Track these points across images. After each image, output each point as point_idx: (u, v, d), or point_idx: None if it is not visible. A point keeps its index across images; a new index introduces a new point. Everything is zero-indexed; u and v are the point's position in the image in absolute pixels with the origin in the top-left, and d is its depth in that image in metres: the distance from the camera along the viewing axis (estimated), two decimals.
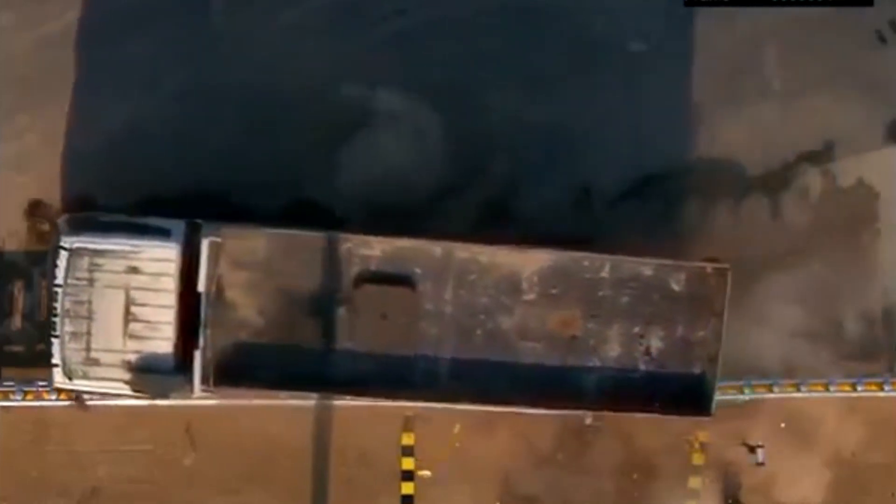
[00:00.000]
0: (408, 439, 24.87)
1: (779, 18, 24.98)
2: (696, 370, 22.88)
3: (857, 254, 25.06)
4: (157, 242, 22.14)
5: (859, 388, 24.68)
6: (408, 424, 24.82)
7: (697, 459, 25.04)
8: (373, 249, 22.65)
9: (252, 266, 22.65)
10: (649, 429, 24.66)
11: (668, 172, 24.91)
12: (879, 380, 24.76)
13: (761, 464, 24.82)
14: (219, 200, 24.16)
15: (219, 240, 22.16)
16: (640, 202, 24.81)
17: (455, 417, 24.43)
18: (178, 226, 22.42)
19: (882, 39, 25.07)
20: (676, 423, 24.23)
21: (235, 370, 22.48)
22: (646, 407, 22.87)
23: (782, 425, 24.92)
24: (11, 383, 24.24)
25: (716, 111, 24.99)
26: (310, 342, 22.75)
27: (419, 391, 22.81)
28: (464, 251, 22.72)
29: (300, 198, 24.41)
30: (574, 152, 24.83)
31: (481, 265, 22.75)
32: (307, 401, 24.43)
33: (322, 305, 22.73)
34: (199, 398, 22.85)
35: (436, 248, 22.65)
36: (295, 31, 24.67)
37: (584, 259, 22.81)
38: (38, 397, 24.29)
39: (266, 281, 22.70)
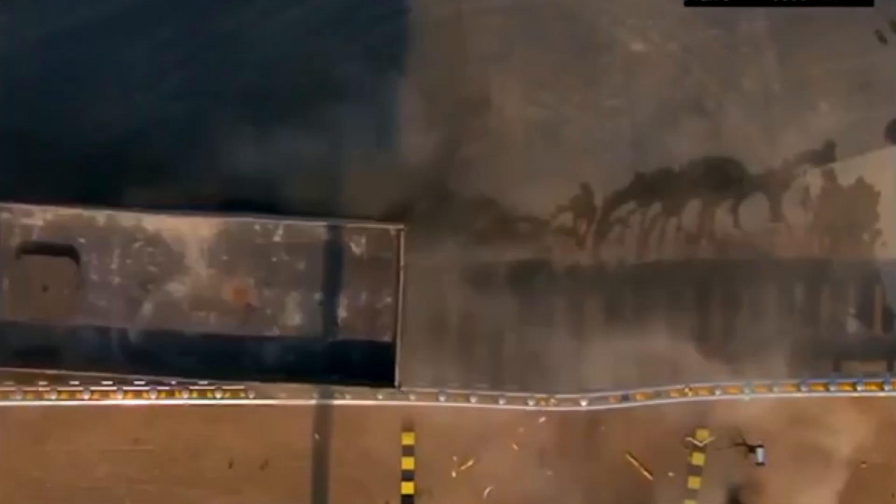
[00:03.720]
0: (408, 439, 24.86)
1: (779, 18, 25.00)
2: (384, 338, 22.05)
3: (857, 254, 25.08)
4: None
5: (859, 388, 24.70)
6: (407, 424, 24.83)
7: (697, 459, 25.03)
8: (34, 219, 22.06)
9: None
10: (650, 428, 24.72)
11: (668, 172, 24.94)
12: (879, 380, 24.77)
13: (761, 464, 24.81)
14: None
15: None
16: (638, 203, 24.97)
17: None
18: None
19: (882, 39, 25.08)
20: (673, 422, 24.43)
21: None
22: (330, 378, 22.29)
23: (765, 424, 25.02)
24: (11, 383, 24.24)
25: (716, 111, 25.00)
26: None
27: (91, 364, 22.25)
28: (128, 219, 22.11)
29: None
30: (574, 151, 24.87)
31: (148, 233, 22.13)
32: (307, 401, 24.45)
33: None
34: None
35: (99, 217, 22.07)
36: (295, 30, 24.76)
37: (255, 223, 22.19)
38: (38, 397, 24.30)
39: None
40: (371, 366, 21.97)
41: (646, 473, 24.91)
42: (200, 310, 22.18)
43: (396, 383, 21.71)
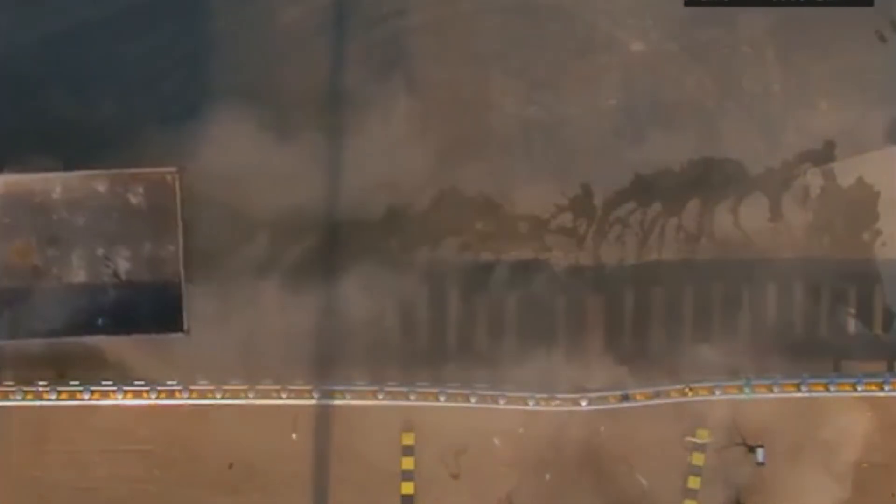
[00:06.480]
0: (408, 439, 24.86)
1: (779, 18, 25.02)
2: (170, 287, 22.50)
3: (857, 254, 25.09)
4: None
5: (859, 388, 24.66)
6: (407, 424, 24.83)
7: (697, 459, 25.03)
8: None
9: None
10: (650, 428, 24.73)
11: (668, 172, 24.95)
12: (879, 380, 24.75)
13: (761, 464, 24.82)
14: None
15: None
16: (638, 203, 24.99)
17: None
18: None
19: (882, 39, 25.10)
20: (673, 422, 24.47)
21: None
22: (120, 330, 22.63)
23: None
24: (11, 383, 24.25)
25: (716, 111, 25.02)
26: None
27: None
28: None
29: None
30: (574, 151, 24.88)
31: None
32: (307, 401, 24.44)
33: None
34: None
35: None
36: (295, 30, 24.79)
37: (32, 181, 22.39)
38: (38, 397, 24.29)
39: None
40: (160, 315, 22.53)
41: (642, 480, 24.92)
42: None
43: (185, 328, 22.28)
